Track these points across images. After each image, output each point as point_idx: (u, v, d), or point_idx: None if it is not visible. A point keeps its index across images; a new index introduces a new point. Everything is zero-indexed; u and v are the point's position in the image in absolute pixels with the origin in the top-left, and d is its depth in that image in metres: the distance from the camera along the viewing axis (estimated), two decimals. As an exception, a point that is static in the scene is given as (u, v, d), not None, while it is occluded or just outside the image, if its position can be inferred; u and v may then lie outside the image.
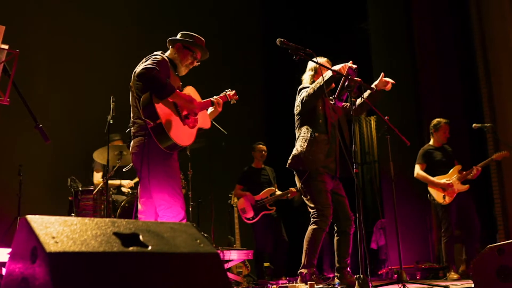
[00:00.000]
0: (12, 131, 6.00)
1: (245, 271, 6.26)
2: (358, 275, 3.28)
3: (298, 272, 4.22)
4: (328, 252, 7.95)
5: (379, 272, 7.60)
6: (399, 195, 4.35)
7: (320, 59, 4.24)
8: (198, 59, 3.95)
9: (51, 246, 1.59)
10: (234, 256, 5.72)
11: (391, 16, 8.42)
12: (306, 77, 4.63)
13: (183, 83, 3.98)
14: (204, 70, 4.02)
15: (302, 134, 4.42)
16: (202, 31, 3.96)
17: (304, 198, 4.42)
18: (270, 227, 6.72)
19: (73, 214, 5.43)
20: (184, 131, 3.65)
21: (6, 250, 3.78)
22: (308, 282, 3.52)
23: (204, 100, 3.96)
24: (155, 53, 3.78)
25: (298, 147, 4.41)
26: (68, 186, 5.59)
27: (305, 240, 4.29)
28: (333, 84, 4.22)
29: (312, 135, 4.33)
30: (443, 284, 4.14)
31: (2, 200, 5.81)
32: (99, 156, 5.76)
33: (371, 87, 3.98)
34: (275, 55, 7.64)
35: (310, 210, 4.34)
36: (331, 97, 3.92)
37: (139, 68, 3.59)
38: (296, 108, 4.55)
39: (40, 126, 2.77)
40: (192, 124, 3.73)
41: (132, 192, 5.85)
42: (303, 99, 4.36)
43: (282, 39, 3.78)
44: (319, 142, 4.34)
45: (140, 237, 1.84)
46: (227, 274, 1.98)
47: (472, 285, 3.11)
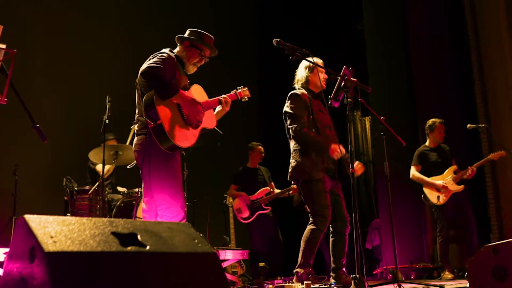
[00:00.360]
0: (8, 131, 5.98)
1: (240, 271, 6.27)
2: (354, 275, 3.29)
3: (294, 271, 4.21)
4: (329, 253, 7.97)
5: (374, 272, 7.61)
6: (394, 195, 4.36)
7: (315, 60, 4.23)
8: (206, 57, 3.89)
9: (49, 246, 1.59)
10: (229, 256, 5.72)
11: (386, 16, 8.45)
12: (301, 75, 4.57)
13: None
14: (199, 69, 4.00)
15: (296, 145, 4.42)
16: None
17: (303, 198, 4.41)
18: (265, 227, 6.73)
19: (68, 214, 5.42)
20: (186, 132, 3.61)
21: (2, 250, 3.77)
22: (305, 282, 3.52)
23: (211, 99, 3.91)
24: (163, 50, 3.72)
25: (296, 158, 4.38)
26: (64, 186, 5.58)
27: (302, 240, 4.27)
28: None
29: None
30: (438, 284, 4.15)
31: (-2, 200, 5.81)
32: (95, 156, 5.76)
33: (368, 87, 3.99)
34: (270, 55, 7.65)
35: (309, 210, 4.33)
36: (329, 96, 3.93)
37: (144, 65, 3.55)
38: (286, 120, 4.51)
39: (38, 125, 2.77)
40: (195, 125, 3.69)
41: (128, 192, 5.84)
42: (290, 133, 4.41)
43: (279, 40, 3.78)
44: None
45: (138, 236, 1.84)
46: (225, 274, 1.98)
47: (467, 285, 3.12)
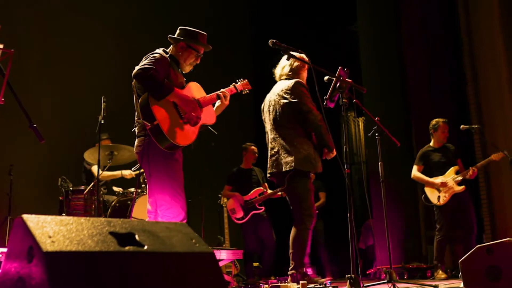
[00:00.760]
0: (3, 131, 5.98)
1: (234, 271, 6.29)
2: (349, 275, 3.30)
3: (289, 273, 4.18)
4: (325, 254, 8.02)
5: (367, 272, 7.65)
6: (387, 195, 4.37)
7: (298, 54, 4.20)
8: (201, 54, 3.88)
9: (47, 246, 1.59)
10: (224, 256, 5.72)
11: (380, 17, 8.49)
12: (290, 66, 4.46)
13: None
14: (195, 68, 3.99)
15: (302, 135, 4.34)
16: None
17: (293, 193, 4.32)
18: (259, 227, 6.74)
19: (63, 214, 5.41)
20: (184, 130, 3.59)
21: (-1, 250, 3.76)
22: (301, 282, 3.54)
23: (209, 94, 3.89)
24: (156, 50, 3.70)
25: (301, 148, 4.30)
26: (59, 186, 5.57)
27: (292, 241, 4.22)
28: None
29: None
30: (433, 283, 4.18)
31: (-7, 200, 5.79)
32: (90, 156, 5.75)
33: (363, 88, 4.01)
34: (264, 54, 7.66)
35: (295, 208, 4.28)
36: (325, 97, 3.94)
37: (136, 68, 3.54)
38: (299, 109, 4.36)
39: (35, 125, 2.76)
40: (194, 122, 3.67)
41: (123, 192, 5.83)
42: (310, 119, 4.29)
43: (274, 40, 3.78)
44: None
45: (136, 236, 1.85)
46: (223, 274, 1.99)
47: (461, 284, 3.15)
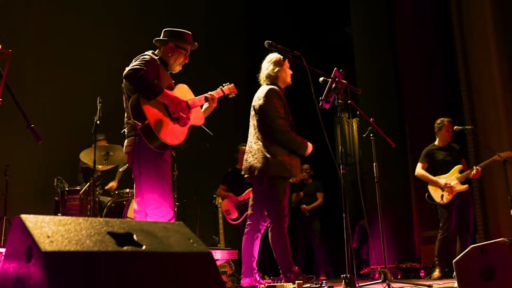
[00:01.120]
0: (-2, 132, 5.97)
1: (229, 270, 6.29)
2: (345, 275, 3.32)
3: (283, 276, 4.17)
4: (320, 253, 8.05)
5: (361, 272, 7.68)
6: (380, 195, 4.39)
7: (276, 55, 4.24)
8: (189, 53, 3.94)
9: (46, 245, 1.59)
10: (218, 256, 5.73)
11: (374, 20, 8.53)
12: (270, 69, 4.42)
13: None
14: (187, 68, 4.03)
15: (274, 142, 4.31)
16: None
17: (269, 195, 4.28)
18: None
19: (59, 214, 5.40)
20: (174, 130, 3.65)
21: (-4, 250, 3.75)
22: (296, 282, 3.55)
23: (197, 96, 3.95)
24: (145, 53, 3.77)
25: (276, 155, 4.26)
26: (55, 186, 5.57)
27: (274, 246, 4.21)
28: None
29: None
30: (427, 283, 4.20)
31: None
32: (86, 156, 5.76)
33: (358, 89, 4.03)
34: (259, 55, 7.67)
35: (270, 209, 4.26)
36: (320, 98, 3.95)
37: (127, 68, 3.58)
38: (262, 116, 4.36)
39: (32, 126, 2.77)
40: (183, 123, 3.72)
41: (119, 192, 5.84)
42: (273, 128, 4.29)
43: (270, 41, 3.80)
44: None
45: (134, 236, 1.86)
46: (220, 274, 2.01)
47: (455, 284, 3.17)
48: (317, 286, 3.74)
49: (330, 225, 8.11)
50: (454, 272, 3.14)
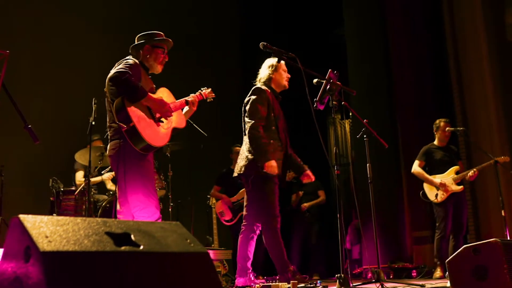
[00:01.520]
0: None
1: (223, 270, 6.30)
2: (339, 274, 3.34)
3: (280, 275, 4.17)
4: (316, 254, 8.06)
5: (353, 272, 7.70)
6: (373, 196, 4.41)
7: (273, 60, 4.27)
8: (166, 52, 4.01)
9: (44, 245, 1.60)
10: (212, 255, 5.75)
11: (367, 22, 8.57)
12: (265, 73, 4.48)
13: (160, 85, 4.02)
14: (181, 70, 4.06)
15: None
16: (180, 31, 4.01)
17: (256, 195, 4.29)
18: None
19: (54, 215, 5.39)
20: (158, 132, 3.73)
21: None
22: (291, 282, 3.57)
23: (178, 100, 4.02)
24: (127, 57, 3.84)
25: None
26: (50, 186, 5.56)
27: (268, 247, 4.21)
28: None
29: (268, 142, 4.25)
30: (420, 283, 4.24)
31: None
32: (81, 157, 5.76)
33: (352, 90, 4.06)
34: (252, 57, 7.70)
35: (260, 209, 4.26)
36: (314, 99, 3.97)
37: (112, 71, 3.65)
38: (245, 114, 4.39)
39: (29, 126, 2.77)
40: (167, 125, 3.81)
41: (114, 192, 5.83)
42: (246, 127, 4.31)
43: (266, 43, 3.83)
44: (275, 150, 4.31)
45: (132, 236, 1.87)
46: (217, 273, 2.02)
47: (448, 284, 3.20)
48: (311, 286, 3.75)
49: (323, 225, 8.14)
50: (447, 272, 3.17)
